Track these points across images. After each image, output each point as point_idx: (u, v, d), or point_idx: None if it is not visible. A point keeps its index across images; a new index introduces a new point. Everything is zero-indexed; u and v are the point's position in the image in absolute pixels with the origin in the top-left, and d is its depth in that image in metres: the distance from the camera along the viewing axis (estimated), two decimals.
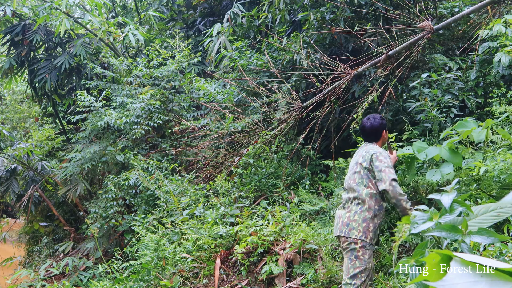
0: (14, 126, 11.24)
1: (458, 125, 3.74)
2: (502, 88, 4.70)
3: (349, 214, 3.18)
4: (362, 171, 3.22)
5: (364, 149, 3.35)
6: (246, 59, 6.40)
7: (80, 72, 7.99)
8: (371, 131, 3.38)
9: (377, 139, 3.40)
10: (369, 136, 3.40)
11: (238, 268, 4.33)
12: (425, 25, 3.88)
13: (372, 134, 3.38)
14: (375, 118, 3.40)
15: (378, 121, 3.39)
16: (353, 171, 3.29)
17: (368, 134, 3.39)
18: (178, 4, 10.04)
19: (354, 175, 3.26)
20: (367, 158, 3.22)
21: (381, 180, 3.09)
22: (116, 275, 4.82)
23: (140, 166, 6.07)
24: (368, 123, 3.39)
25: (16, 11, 7.63)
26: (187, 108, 7.11)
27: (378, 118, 3.41)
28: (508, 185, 3.56)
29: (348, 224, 3.15)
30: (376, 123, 3.37)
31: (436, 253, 0.84)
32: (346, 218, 3.17)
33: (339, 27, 5.51)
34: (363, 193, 3.16)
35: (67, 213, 8.25)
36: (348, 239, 3.12)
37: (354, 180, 3.24)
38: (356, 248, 3.09)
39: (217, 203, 5.03)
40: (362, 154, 3.29)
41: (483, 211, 1.48)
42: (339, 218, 3.25)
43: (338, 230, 3.21)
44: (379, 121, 3.40)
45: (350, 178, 3.30)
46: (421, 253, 1.62)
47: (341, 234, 3.16)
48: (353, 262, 3.10)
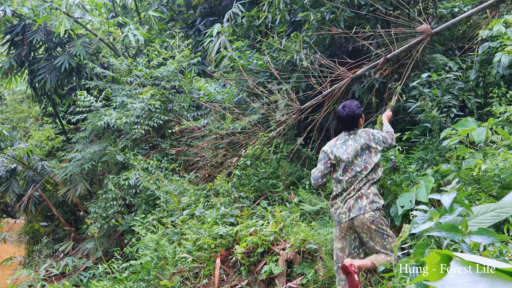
0: (14, 126, 11.24)
1: (458, 125, 3.74)
2: (502, 88, 4.70)
3: (364, 194, 3.25)
4: (378, 154, 3.34)
5: (360, 137, 3.38)
6: (246, 59, 6.40)
7: (80, 72, 7.99)
8: (349, 119, 3.41)
9: (357, 126, 3.47)
10: (348, 125, 3.44)
11: (238, 268, 4.33)
12: (423, 28, 3.88)
13: (351, 122, 3.42)
14: (350, 107, 3.41)
15: (355, 110, 3.41)
16: (363, 156, 3.32)
17: (346, 122, 3.43)
18: (178, 4, 10.04)
19: (368, 158, 3.31)
20: (377, 140, 3.35)
21: (391, 141, 3.47)
22: (116, 275, 4.82)
23: (140, 166, 6.07)
24: (344, 113, 3.41)
25: (16, 11, 7.63)
26: (187, 108, 7.11)
27: (354, 107, 3.42)
28: (508, 185, 3.56)
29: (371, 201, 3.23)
30: (351, 113, 3.40)
31: (436, 253, 0.84)
32: (364, 198, 3.25)
33: (339, 27, 5.51)
34: (379, 173, 3.33)
35: (67, 213, 8.26)
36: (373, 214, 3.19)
37: (370, 163, 3.30)
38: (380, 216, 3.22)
39: (217, 203, 5.03)
40: (365, 141, 3.34)
41: (483, 211, 1.48)
42: (352, 203, 3.27)
43: (356, 212, 3.24)
44: (355, 110, 3.42)
45: (358, 165, 3.32)
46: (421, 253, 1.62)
47: (362, 212, 3.21)
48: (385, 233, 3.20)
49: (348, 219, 3.27)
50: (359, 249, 3.33)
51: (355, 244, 3.33)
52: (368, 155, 3.33)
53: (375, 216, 3.19)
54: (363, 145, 3.34)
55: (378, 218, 3.20)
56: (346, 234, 3.33)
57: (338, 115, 3.46)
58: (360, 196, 3.26)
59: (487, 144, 4.18)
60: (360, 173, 3.30)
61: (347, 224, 3.29)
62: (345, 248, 3.33)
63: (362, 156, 3.33)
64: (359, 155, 3.34)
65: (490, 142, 4.17)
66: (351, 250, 3.32)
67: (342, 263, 3.01)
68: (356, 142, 3.37)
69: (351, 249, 3.32)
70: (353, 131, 3.43)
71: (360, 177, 3.29)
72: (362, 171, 3.30)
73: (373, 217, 3.19)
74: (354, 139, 3.39)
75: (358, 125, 3.46)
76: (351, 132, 3.44)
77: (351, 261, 2.97)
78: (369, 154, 3.33)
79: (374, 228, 3.18)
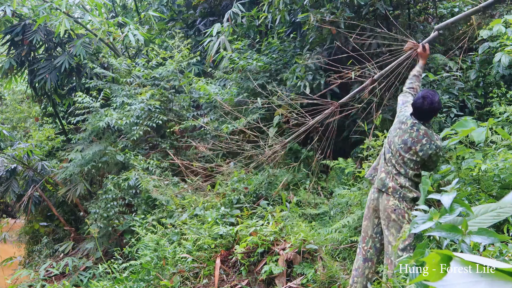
0: (14, 126, 11.22)
1: (458, 125, 3.74)
2: (502, 88, 4.70)
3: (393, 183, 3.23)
4: (414, 157, 3.18)
5: (420, 130, 3.20)
6: (245, 60, 6.40)
7: (80, 72, 7.98)
8: (427, 112, 3.20)
9: (429, 120, 3.29)
10: (423, 116, 3.23)
11: (238, 268, 4.32)
12: (410, 45, 3.93)
13: (427, 115, 3.23)
14: (432, 101, 3.16)
15: (436, 104, 3.19)
16: (404, 149, 3.21)
17: (424, 114, 3.21)
18: (178, 4, 10.04)
19: (404, 153, 3.21)
20: (425, 150, 3.16)
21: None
22: (116, 275, 4.82)
23: (141, 166, 6.07)
24: (426, 105, 3.16)
25: (16, 11, 7.62)
26: (187, 108, 7.11)
27: (437, 101, 3.19)
28: (508, 185, 3.56)
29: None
30: (434, 106, 3.18)
31: (436, 253, 0.84)
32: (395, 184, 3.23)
33: (339, 27, 5.51)
34: (408, 172, 3.20)
35: (67, 213, 8.25)
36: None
37: (403, 158, 3.21)
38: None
39: (217, 203, 5.03)
40: (421, 140, 3.18)
41: (483, 211, 1.48)
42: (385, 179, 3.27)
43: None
44: (436, 104, 3.19)
45: (398, 151, 3.24)
46: (421, 253, 1.62)
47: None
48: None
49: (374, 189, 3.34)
50: (381, 235, 3.36)
51: (377, 230, 3.38)
52: (407, 157, 3.23)
53: (398, 206, 3.18)
54: (412, 139, 3.22)
55: (402, 210, 3.17)
56: (371, 216, 3.38)
57: (418, 104, 3.20)
58: (391, 178, 3.26)
59: (487, 144, 4.19)
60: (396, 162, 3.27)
61: (373, 206, 3.34)
62: (368, 229, 3.41)
63: (399, 148, 3.26)
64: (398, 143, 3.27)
65: (490, 142, 4.18)
66: (373, 234, 3.39)
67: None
68: (405, 131, 3.25)
69: (373, 232, 3.39)
70: (420, 124, 3.23)
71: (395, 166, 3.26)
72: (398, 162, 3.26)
73: (396, 206, 3.19)
74: (412, 126, 3.24)
75: (429, 120, 3.31)
76: (419, 123, 3.24)
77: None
78: (409, 157, 3.23)
79: (394, 217, 3.19)
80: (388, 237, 3.21)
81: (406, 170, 3.21)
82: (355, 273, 3.43)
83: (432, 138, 3.18)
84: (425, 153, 3.16)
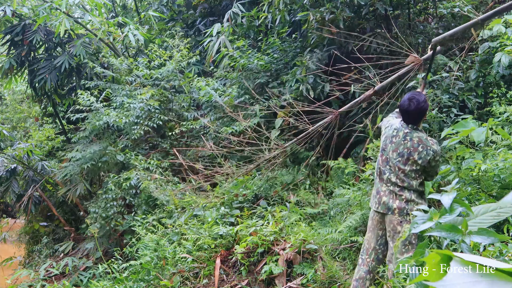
0: (14, 126, 11.22)
1: (458, 125, 3.74)
2: (502, 88, 4.70)
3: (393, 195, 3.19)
4: (414, 166, 3.12)
5: (414, 138, 3.15)
6: (246, 59, 6.40)
7: (80, 72, 7.98)
8: (415, 113, 3.14)
9: (419, 122, 3.21)
10: (412, 119, 3.18)
11: (238, 268, 4.32)
12: (412, 59, 3.90)
13: (416, 116, 3.17)
14: (418, 101, 3.12)
15: (423, 104, 3.13)
16: (401, 161, 3.15)
17: (412, 116, 3.16)
18: (178, 4, 10.04)
19: (404, 166, 3.14)
20: (423, 157, 3.10)
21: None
22: (116, 275, 4.82)
23: (141, 166, 6.07)
24: (412, 106, 3.11)
25: (16, 11, 7.62)
26: (187, 108, 7.11)
27: (423, 100, 3.14)
28: (508, 185, 3.56)
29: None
30: (421, 106, 3.12)
31: (436, 253, 0.84)
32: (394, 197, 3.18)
33: (339, 27, 5.51)
34: (412, 184, 3.13)
35: (67, 213, 8.25)
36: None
37: (404, 171, 3.14)
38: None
39: (217, 203, 5.03)
40: (416, 148, 3.12)
41: (483, 211, 1.48)
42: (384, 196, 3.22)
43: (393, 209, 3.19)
44: (423, 104, 3.13)
45: (396, 166, 3.17)
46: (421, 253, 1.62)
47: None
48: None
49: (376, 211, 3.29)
50: (384, 246, 3.33)
51: (381, 241, 3.33)
52: (404, 163, 3.17)
53: (405, 219, 3.12)
54: (407, 150, 3.17)
55: (408, 222, 3.10)
56: (376, 228, 3.32)
57: (404, 107, 3.15)
58: (393, 196, 3.19)
59: (487, 144, 4.18)
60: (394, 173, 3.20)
61: (378, 218, 3.30)
62: (371, 241, 3.35)
63: (396, 157, 3.19)
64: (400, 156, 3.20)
65: (490, 142, 4.17)
66: (376, 246, 3.33)
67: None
68: (404, 144, 3.19)
69: (377, 244, 3.33)
70: (409, 128, 3.19)
71: (393, 178, 3.19)
72: (397, 173, 3.19)
73: (403, 218, 3.13)
74: (404, 137, 3.19)
75: (419, 123, 3.24)
76: (408, 126, 3.20)
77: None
78: (410, 164, 3.16)
79: (399, 229, 3.13)
80: (393, 249, 3.18)
81: (410, 182, 3.13)
82: (356, 284, 3.37)
83: (427, 144, 3.12)
84: (423, 160, 3.10)
